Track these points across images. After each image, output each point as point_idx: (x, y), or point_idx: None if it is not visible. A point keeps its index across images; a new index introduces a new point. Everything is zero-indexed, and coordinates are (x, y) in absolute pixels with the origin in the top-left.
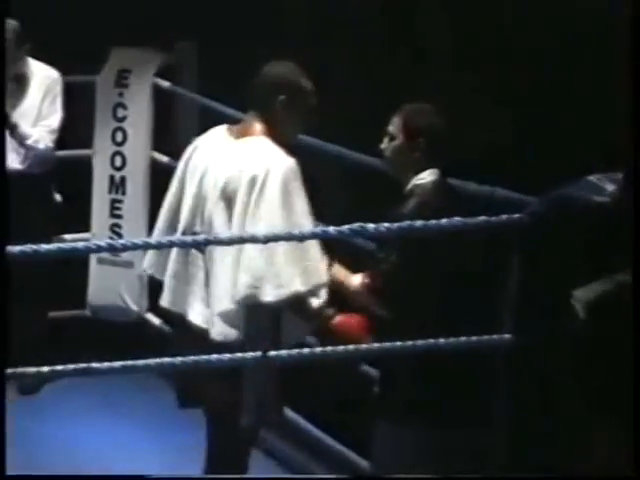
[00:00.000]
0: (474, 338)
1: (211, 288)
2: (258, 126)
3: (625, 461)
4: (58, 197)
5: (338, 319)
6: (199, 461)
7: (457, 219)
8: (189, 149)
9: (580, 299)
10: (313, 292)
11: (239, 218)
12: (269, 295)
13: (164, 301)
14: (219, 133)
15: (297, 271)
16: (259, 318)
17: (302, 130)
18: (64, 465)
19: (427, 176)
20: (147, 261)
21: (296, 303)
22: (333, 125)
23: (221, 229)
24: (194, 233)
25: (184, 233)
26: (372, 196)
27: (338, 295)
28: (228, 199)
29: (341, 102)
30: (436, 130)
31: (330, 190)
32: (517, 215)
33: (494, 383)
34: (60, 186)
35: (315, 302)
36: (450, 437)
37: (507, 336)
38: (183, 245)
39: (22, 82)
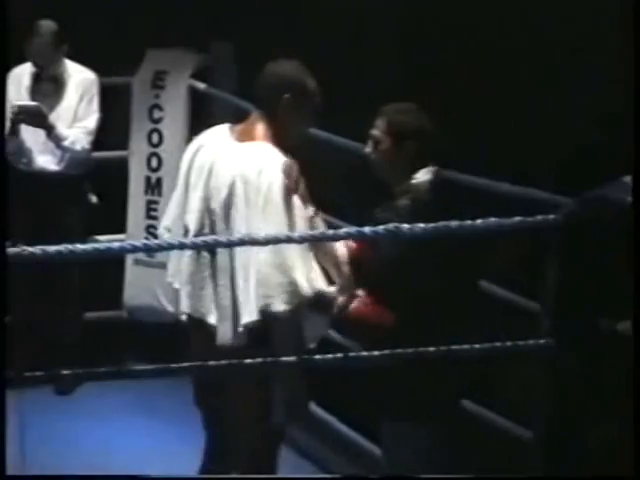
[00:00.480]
0: (509, 343)
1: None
2: (261, 127)
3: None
4: (94, 198)
5: (353, 307)
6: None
7: (492, 219)
8: (191, 148)
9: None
10: (322, 293)
11: (242, 223)
12: (285, 303)
13: (184, 307)
14: (222, 133)
15: (306, 275)
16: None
17: (307, 129)
18: (95, 465)
19: (422, 175)
20: (170, 271)
21: (314, 304)
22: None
23: (226, 233)
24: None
25: (195, 236)
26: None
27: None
28: (231, 204)
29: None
30: (424, 130)
31: (343, 184)
32: (552, 216)
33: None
34: (96, 187)
35: (327, 295)
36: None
37: (543, 341)
38: (216, 246)
39: (59, 83)
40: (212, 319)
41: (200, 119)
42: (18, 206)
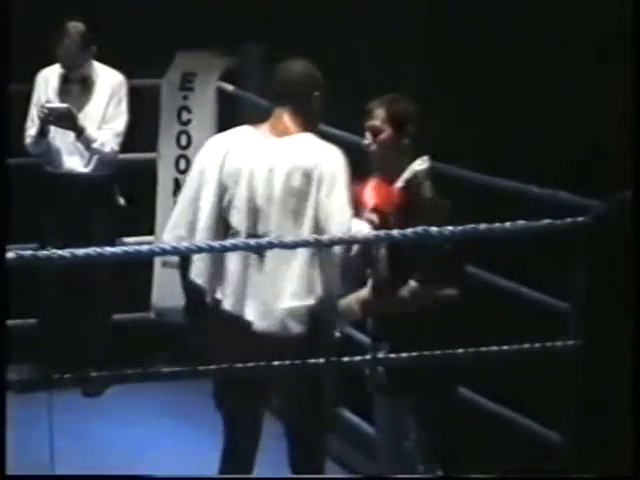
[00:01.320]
0: (537, 345)
1: (276, 287)
2: (294, 122)
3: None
4: (122, 200)
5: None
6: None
7: (521, 222)
8: (217, 154)
9: None
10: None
11: (311, 213)
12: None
13: (227, 305)
14: (250, 133)
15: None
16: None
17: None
18: (123, 467)
19: (422, 162)
20: (196, 272)
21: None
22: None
23: (289, 228)
24: (253, 235)
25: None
26: None
27: None
28: (293, 197)
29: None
30: (418, 115)
31: None
32: (581, 218)
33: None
34: (125, 189)
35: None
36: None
37: (571, 342)
38: (246, 248)
39: (87, 85)
40: (252, 315)
41: (228, 121)
42: (46, 208)
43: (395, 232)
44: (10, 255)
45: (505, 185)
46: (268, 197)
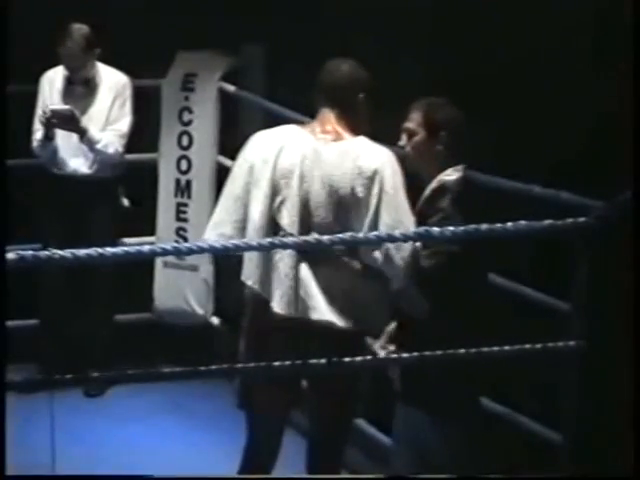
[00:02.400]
0: (539, 345)
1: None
2: (344, 124)
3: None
4: (126, 202)
5: None
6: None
7: (523, 223)
8: (269, 151)
9: None
10: None
11: (369, 219)
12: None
13: (283, 308)
14: (300, 133)
15: None
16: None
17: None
18: (124, 467)
19: (453, 172)
20: (248, 273)
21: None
22: None
23: (344, 228)
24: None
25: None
26: None
27: None
28: (349, 202)
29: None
30: (456, 122)
31: None
32: (583, 219)
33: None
34: (129, 190)
35: None
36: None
37: (573, 343)
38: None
39: (91, 86)
40: (316, 314)
41: (230, 121)
42: (50, 208)
43: (397, 233)
44: (11, 256)
45: (507, 185)
46: (322, 201)
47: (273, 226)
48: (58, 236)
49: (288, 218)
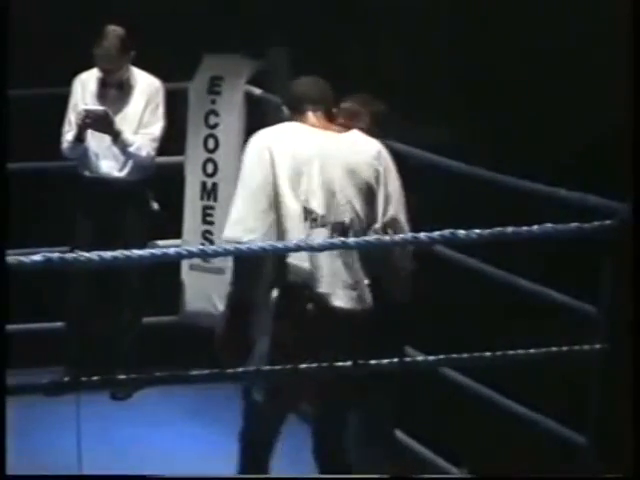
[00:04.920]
0: (564, 348)
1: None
2: (341, 120)
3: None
4: (156, 205)
5: None
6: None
7: (549, 225)
8: (285, 143)
9: None
10: None
11: (381, 200)
12: None
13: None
14: (307, 128)
15: None
16: None
17: None
18: (150, 470)
19: None
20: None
21: None
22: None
23: (367, 213)
24: (335, 223)
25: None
26: None
27: None
28: (365, 183)
29: None
30: (384, 117)
31: None
32: (609, 221)
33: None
34: (158, 194)
35: None
36: None
37: (598, 346)
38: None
39: (125, 89)
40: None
41: (256, 124)
42: (80, 211)
43: (422, 235)
44: (38, 258)
45: (533, 188)
46: (344, 184)
47: (305, 212)
48: (88, 239)
49: (317, 202)
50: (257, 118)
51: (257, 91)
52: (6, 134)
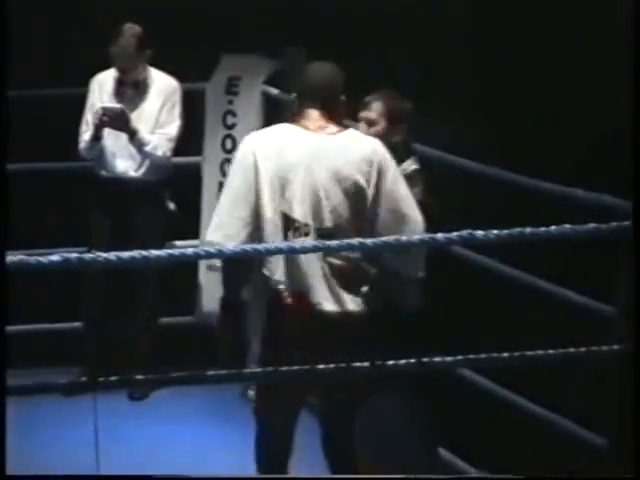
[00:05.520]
0: (582, 349)
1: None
2: (330, 120)
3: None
4: (172, 205)
5: None
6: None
7: (566, 226)
8: (271, 147)
9: None
10: None
11: (376, 202)
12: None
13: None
14: (294, 129)
15: None
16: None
17: None
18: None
19: (413, 162)
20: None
21: None
22: None
23: (353, 219)
24: (319, 229)
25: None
26: None
27: None
28: (356, 189)
29: None
30: (413, 114)
31: None
32: (627, 222)
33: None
34: (175, 194)
35: None
36: None
37: (617, 347)
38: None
39: (142, 89)
40: (319, 298)
41: (273, 124)
42: (97, 211)
43: (440, 236)
44: (56, 258)
45: (549, 188)
46: (331, 190)
47: (285, 220)
48: (104, 239)
49: (300, 209)
50: (274, 118)
51: (274, 91)
52: (6, 134)
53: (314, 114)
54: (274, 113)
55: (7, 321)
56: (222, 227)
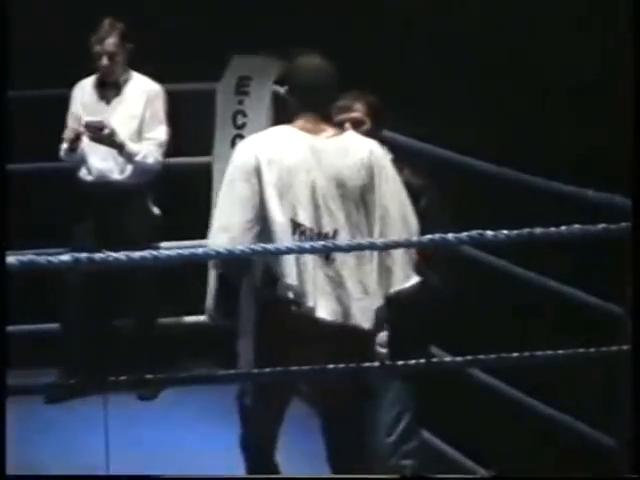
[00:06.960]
0: (591, 349)
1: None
2: (328, 123)
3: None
4: (156, 210)
5: None
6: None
7: (576, 226)
8: (272, 151)
9: None
10: None
11: (378, 204)
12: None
13: (322, 313)
14: (297, 133)
15: None
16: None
17: None
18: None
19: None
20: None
21: None
22: None
23: (357, 223)
24: (320, 234)
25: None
26: None
27: None
28: (358, 191)
29: None
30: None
31: None
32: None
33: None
34: (160, 197)
35: None
36: None
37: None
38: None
39: (123, 90)
40: (324, 312)
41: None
42: (80, 214)
43: (450, 236)
44: (66, 257)
45: (560, 188)
46: (332, 194)
47: (292, 224)
48: (87, 241)
49: (303, 213)
50: (284, 118)
51: (283, 91)
52: (6, 134)
53: (312, 116)
54: (284, 113)
55: (7, 321)
56: (227, 230)
